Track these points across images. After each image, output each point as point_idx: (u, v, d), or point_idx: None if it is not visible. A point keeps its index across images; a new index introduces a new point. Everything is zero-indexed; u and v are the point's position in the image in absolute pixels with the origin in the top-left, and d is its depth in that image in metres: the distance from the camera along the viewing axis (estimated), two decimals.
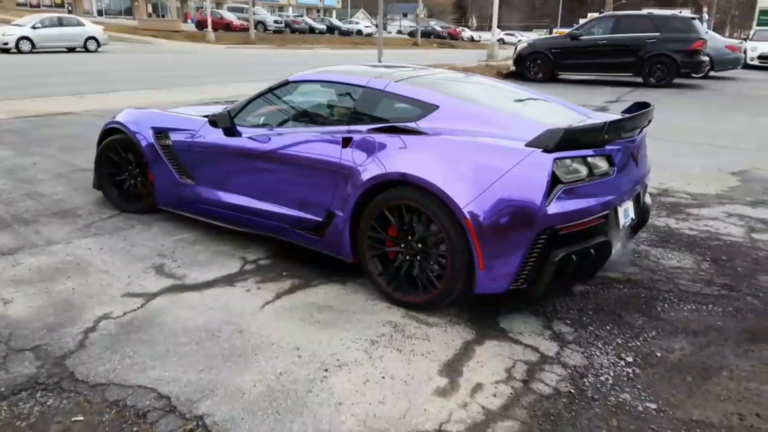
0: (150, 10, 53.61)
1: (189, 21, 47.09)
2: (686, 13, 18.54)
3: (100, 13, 49.60)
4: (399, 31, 58.03)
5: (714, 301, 3.02)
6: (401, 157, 2.77)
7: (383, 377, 2.31)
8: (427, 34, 47.16)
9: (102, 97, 10.05)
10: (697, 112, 10.02)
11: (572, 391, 2.25)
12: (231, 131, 3.46)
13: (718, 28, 50.03)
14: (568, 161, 2.55)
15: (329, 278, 3.19)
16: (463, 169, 2.59)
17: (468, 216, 2.51)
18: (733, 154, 6.62)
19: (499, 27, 22.62)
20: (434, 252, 2.72)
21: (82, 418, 2.03)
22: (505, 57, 20.36)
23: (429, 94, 3.00)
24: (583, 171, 2.61)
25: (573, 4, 62.13)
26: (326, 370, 2.34)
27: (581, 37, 13.61)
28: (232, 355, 2.43)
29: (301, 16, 45.12)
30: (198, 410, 2.07)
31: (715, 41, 16.19)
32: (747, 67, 19.33)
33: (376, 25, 26.53)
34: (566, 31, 16.78)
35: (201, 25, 34.91)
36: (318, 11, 61.94)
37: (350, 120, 3.12)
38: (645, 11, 15.51)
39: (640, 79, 13.42)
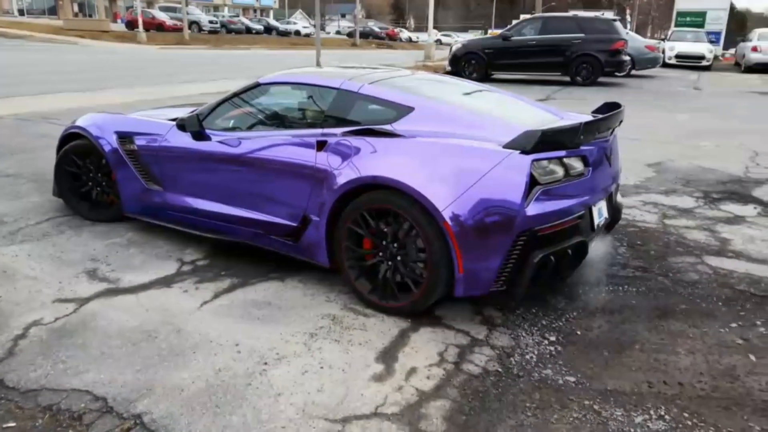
0: (76, 9, 51.21)
1: (119, 21, 45.33)
2: (609, 14, 19.57)
3: (21, 12, 46.96)
4: (338, 32, 57.99)
5: (629, 282, 3.27)
6: (378, 160, 2.73)
7: (322, 367, 2.39)
8: (366, 35, 47.41)
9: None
10: None
11: (499, 369, 2.40)
12: (200, 135, 3.37)
13: (641, 28, 52.82)
14: (545, 162, 2.56)
15: (267, 276, 3.23)
16: (441, 172, 2.57)
17: (447, 219, 2.49)
18: (650, 147, 7.08)
19: (435, 28, 23.05)
20: (413, 256, 2.69)
21: (14, 424, 2.00)
22: (442, 57, 20.75)
23: (404, 96, 2.97)
24: (560, 172, 2.63)
25: (505, 6, 64.00)
26: (265, 364, 2.39)
27: (512, 38, 14.11)
28: (170, 354, 2.44)
29: (237, 16, 44.32)
30: (136, 409, 2.08)
31: (636, 41, 17.16)
32: (665, 65, 20.56)
33: (314, 26, 26.44)
34: (500, 32, 17.32)
35: (131, 25, 33.70)
36: (254, 11, 61.01)
37: (324, 123, 3.06)
38: (571, 13, 16.25)
39: (567, 78, 14.04)
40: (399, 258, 2.73)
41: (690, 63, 21.02)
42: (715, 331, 2.75)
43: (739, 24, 57.65)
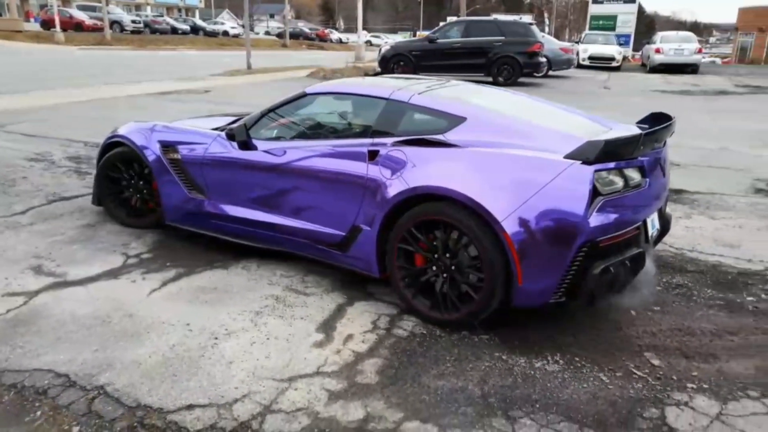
0: None
1: (32, 20, 42.83)
2: (526, 18, 20.67)
3: None
4: (267, 32, 57.36)
5: None
6: (432, 170, 2.71)
7: (268, 338, 2.67)
8: (296, 36, 47.22)
9: None
10: None
11: (424, 332, 2.77)
12: (246, 144, 3.36)
13: (559, 31, 55.61)
14: (605, 173, 2.53)
15: (212, 265, 3.46)
16: (499, 182, 2.55)
17: (507, 229, 2.47)
18: None
19: (365, 29, 23.43)
20: (469, 268, 2.66)
21: None
22: (372, 59, 21.19)
23: (455, 106, 2.96)
24: (620, 183, 2.60)
25: (433, 8, 65.52)
26: (216, 338, 2.65)
27: (438, 41, 14.71)
28: (125, 335, 2.65)
29: (161, 15, 42.98)
30: (98, 382, 2.29)
31: (551, 44, 18.27)
32: (580, 66, 21.95)
33: (243, 26, 26.19)
34: (427, 34, 17.93)
35: (47, 24, 31.99)
36: (179, 11, 59.30)
37: (374, 133, 3.02)
38: (492, 17, 17.08)
39: (490, 79, 14.79)
40: (454, 270, 2.70)
41: (601, 64, 22.52)
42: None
43: (648, 27, 61.83)
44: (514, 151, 2.64)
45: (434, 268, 2.76)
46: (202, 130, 3.71)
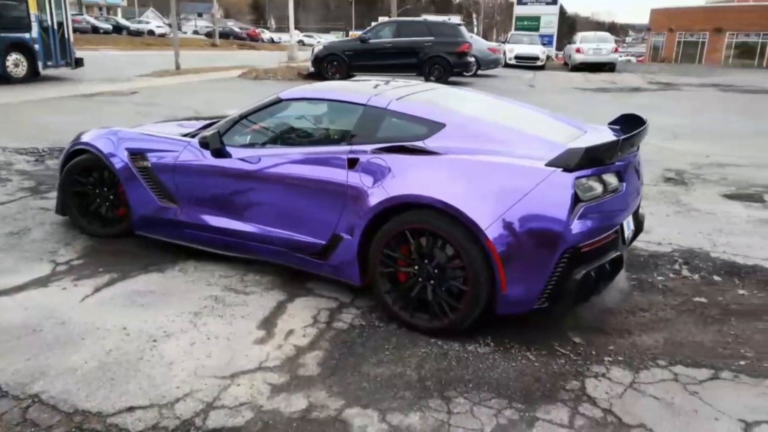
0: None
1: None
2: (455, 19, 21.21)
3: None
4: (195, 32, 55.73)
5: None
6: (413, 179, 2.70)
7: (208, 338, 2.69)
8: (226, 35, 46.16)
9: None
10: None
11: (363, 323, 2.87)
12: (220, 152, 3.28)
13: (487, 31, 57.26)
14: (584, 179, 2.55)
15: (147, 269, 3.41)
16: (482, 190, 2.56)
17: (490, 237, 2.48)
18: None
19: (297, 29, 23.27)
20: (453, 276, 2.66)
21: None
22: (305, 58, 21.08)
23: (434, 112, 2.94)
24: (599, 188, 2.64)
25: (364, 8, 65.80)
26: (155, 341, 2.64)
27: (370, 41, 14.87)
28: (58, 343, 2.59)
29: (81, 14, 40.79)
30: (32, 390, 2.24)
31: (479, 44, 18.86)
32: (507, 66, 22.76)
33: (170, 25, 25.37)
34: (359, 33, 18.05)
35: None
36: (100, 9, 56.50)
37: (352, 140, 2.98)
38: (422, 17, 17.43)
39: (422, 79, 15.10)
40: (437, 278, 2.70)
41: (527, 63, 23.44)
42: None
43: (571, 27, 64.72)
44: (495, 158, 2.64)
45: (418, 276, 2.75)
46: (172, 137, 3.61)
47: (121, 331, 2.70)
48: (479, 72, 18.30)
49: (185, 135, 3.62)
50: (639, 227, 3.27)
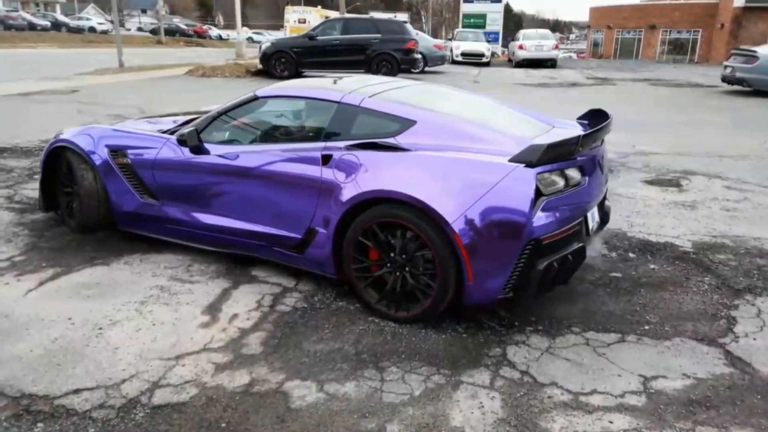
0: None
1: None
2: (401, 16, 21.52)
3: None
4: (140, 29, 54.17)
5: None
6: (384, 175, 2.81)
7: (154, 324, 2.79)
8: (172, 32, 45.12)
9: None
10: None
11: (305, 306, 3.03)
12: (199, 149, 3.35)
13: (436, 29, 57.98)
14: (547, 174, 2.67)
15: (92, 262, 3.47)
16: (448, 185, 2.66)
17: (457, 230, 2.59)
18: None
19: (246, 26, 23.03)
20: (422, 267, 2.77)
21: None
22: (254, 56, 20.91)
23: (405, 109, 3.03)
24: (561, 182, 2.75)
25: (313, 5, 65.30)
26: (101, 329, 2.73)
27: (318, 38, 14.92)
28: (2, 334, 2.64)
29: (16, 10, 39.01)
30: None
31: (426, 41, 19.21)
32: (454, 62, 23.24)
33: (112, 22, 24.61)
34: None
35: None
36: (37, 5, 54.11)
37: (326, 136, 3.09)
38: (368, 15, 17.61)
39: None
40: (407, 269, 2.82)
41: (473, 60, 24.01)
42: None
43: (517, 24, 66.27)
44: (461, 154, 2.76)
45: (390, 268, 2.87)
46: (151, 134, 3.68)
47: (66, 321, 2.77)
48: (426, 69, 18.64)
49: (165, 132, 3.70)
50: (605, 218, 3.43)
